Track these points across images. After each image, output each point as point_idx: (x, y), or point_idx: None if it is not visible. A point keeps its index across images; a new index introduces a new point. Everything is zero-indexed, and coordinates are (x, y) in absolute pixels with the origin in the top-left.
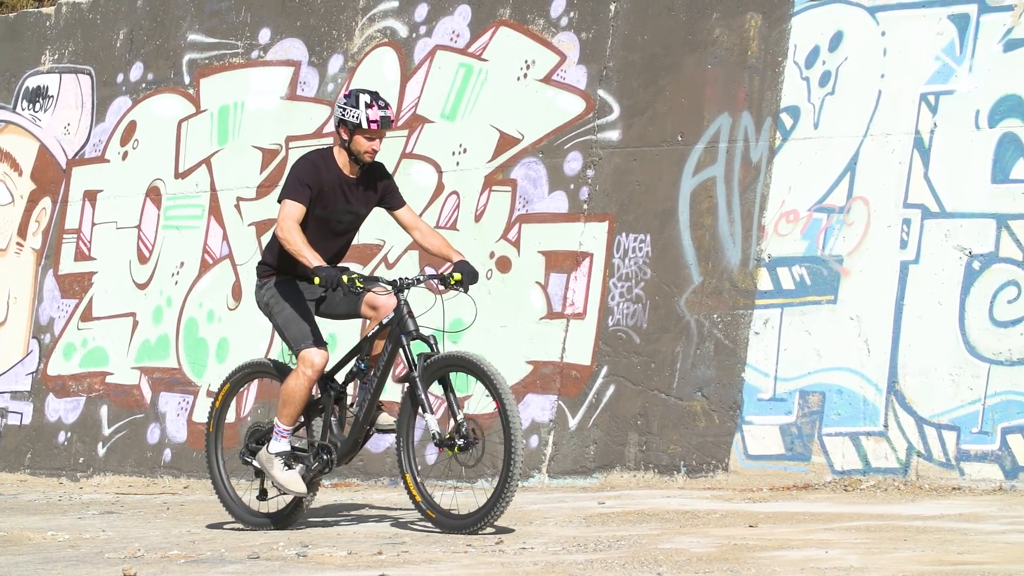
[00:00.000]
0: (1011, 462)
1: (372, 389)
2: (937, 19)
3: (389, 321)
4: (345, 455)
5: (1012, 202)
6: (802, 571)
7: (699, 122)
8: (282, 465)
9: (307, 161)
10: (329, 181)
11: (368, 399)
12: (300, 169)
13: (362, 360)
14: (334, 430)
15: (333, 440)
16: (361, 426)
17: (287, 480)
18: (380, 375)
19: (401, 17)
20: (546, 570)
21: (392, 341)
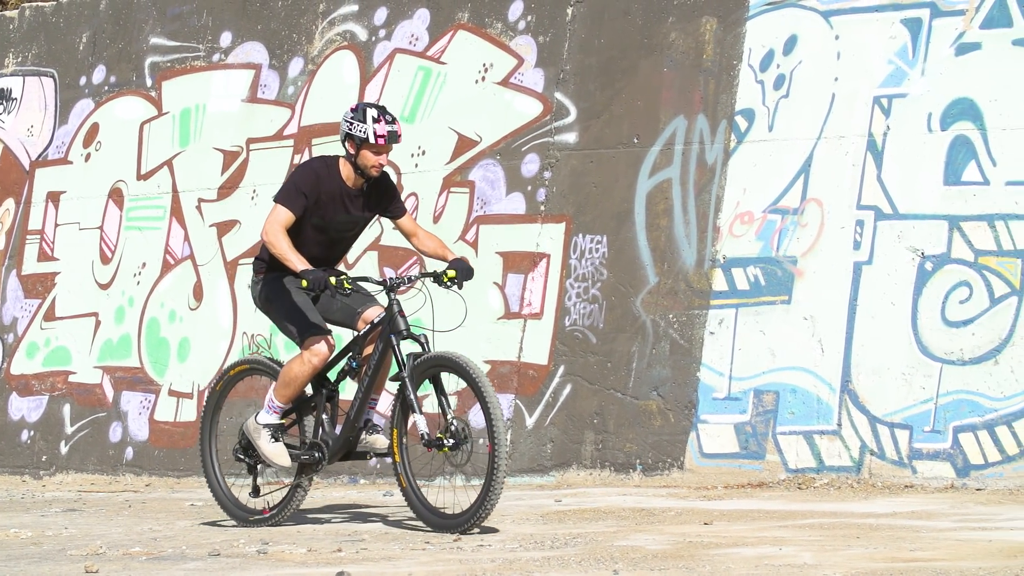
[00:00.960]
0: (963, 460)
1: (364, 388)
2: (890, 23)
3: (380, 320)
4: (336, 453)
5: (964, 204)
6: (756, 568)
7: (655, 125)
8: (269, 436)
9: (309, 169)
10: (329, 191)
11: (360, 398)
12: (300, 176)
13: (354, 359)
14: (326, 428)
15: (325, 438)
16: (352, 425)
17: (273, 452)
18: (371, 375)
19: (361, 21)
20: (503, 567)
21: (383, 341)
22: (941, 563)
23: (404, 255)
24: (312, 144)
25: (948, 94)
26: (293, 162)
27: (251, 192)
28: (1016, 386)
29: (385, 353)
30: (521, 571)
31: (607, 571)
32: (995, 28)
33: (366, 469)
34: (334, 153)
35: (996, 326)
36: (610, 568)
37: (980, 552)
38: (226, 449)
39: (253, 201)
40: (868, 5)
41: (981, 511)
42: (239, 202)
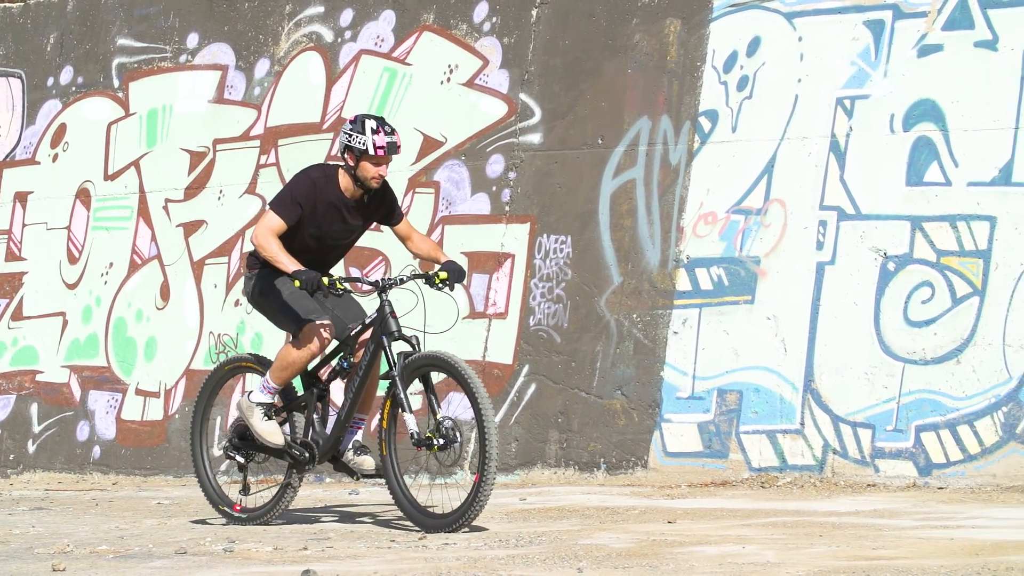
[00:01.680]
0: (925, 459)
1: (355, 389)
2: (853, 25)
3: (372, 321)
4: (326, 453)
5: (926, 204)
6: (720, 566)
7: (619, 125)
8: (262, 415)
9: (307, 178)
10: (326, 202)
11: (351, 398)
12: (297, 185)
13: (345, 359)
14: (316, 428)
15: (315, 438)
16: (343, 424)
17: (265, 429)
18: (363, 375)
19: (327, 22)
20: (468, 565)
21: (374, 341)
22: (903, 561)
23: (369, 255)
24: (279, 145)
25: (910, 95)
26: (259, 162)
27: (218, 192)
28: (978, 385)
29: (376, 354)
30: (486, 569)
31: (571, 569)
32: (957, 30)
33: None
34: (333, 163)
35: (958, 326)
36: (574, 566)
37: (942, 550)
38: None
39: (220, 201)
40: (831, 7)
41: (943, 510)
42: (206, 202)
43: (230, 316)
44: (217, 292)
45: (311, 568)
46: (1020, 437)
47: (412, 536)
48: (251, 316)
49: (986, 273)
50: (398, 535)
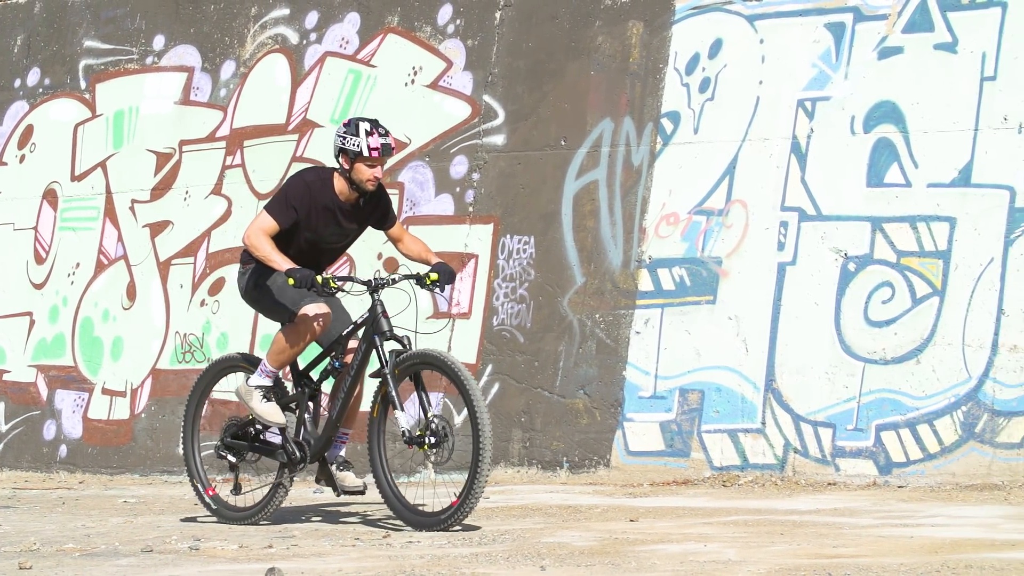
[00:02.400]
0: (885, 458)
1: (346, 389)
2: (814, 27)
3: (364, 320)
4: (317, 452)
5: (886, 205)
6: (681, 564)
7: (582, 127)
8: (261, 397)
9: (302, 182)
10: (321, 205)
11: (342, 399)
12: (292, 189)
13: (336, 358)
14: (308, 427)
15: (307, 437)
16: (334, 424)
17: (265, 411)
18: (354, 375)
19: (292, 24)
20: (432, 563)
21: (366, 341)
22: (863, 559)
23: None
24: (244, 146)
25: (871, 97)
26: (225, 163)
27: (184, 193)
28: (937, 385)
29: (368, 353)
30: (450, 567)
31: (534, 567)
32: (917, 32)
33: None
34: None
35: (918, 326)
36: (537, 564)
37: (902, 548)
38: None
39: (186, 202)
40: (792, 10)
41: (903, 508)
42: (172, 203)
43: (196, 316)
44: (183, 292)
45: (276, 566)
46: (979, 436)
47: (377, 534)
48: (216, 316)
49: (946, 274)
50: (363, 533)
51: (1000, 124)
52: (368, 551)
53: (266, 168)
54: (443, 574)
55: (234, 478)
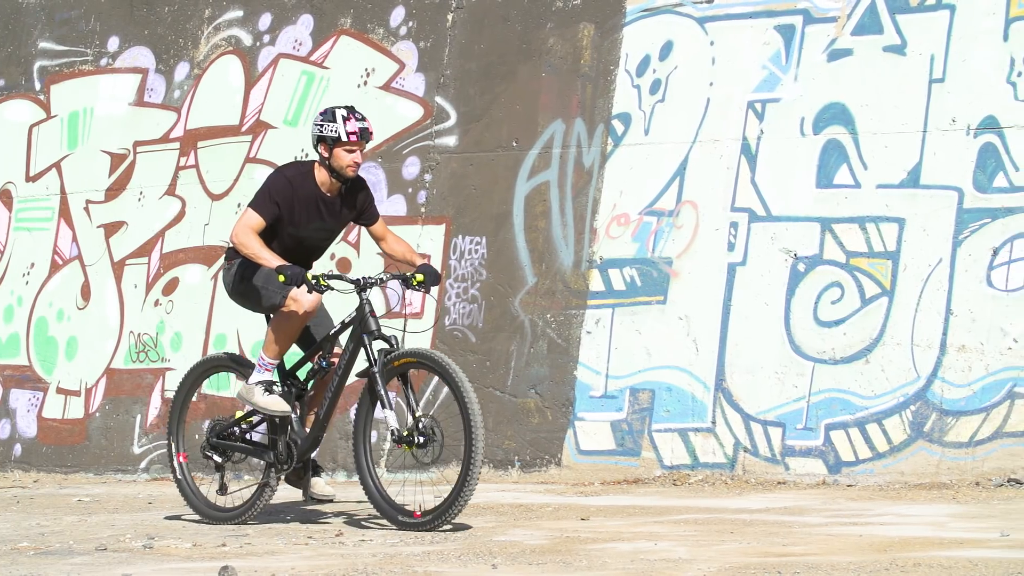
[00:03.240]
0: (834, 457)
1: (334, 388)
2: (764, 29)
3: (351, 320)
4: (304, 452)
5: (836, 206)
6: (632, 563)
7: (533, 128)
8: (263, 391)
9: (283, 177)
10: (303, 199)
11: (330, 398)
12: (273, 184)
13: (324, 358)
14: (295, 427)
15: (293, 437)
16: (322, 424)
17: (270, 403)
18: (342, 375)
19: (245, 26)
20: (385, 562)
21: (354, 340)
22: (813, 558)
23: None
24: (198, 147)
25: (820, 99)
26: (179, 164)
27: (138, 194)
28: (886, 385)
29: (356, 353)
30: (402, 565)
31: (486, 565)
32: (866, 35)
33: (250, 465)
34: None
35: (867, 326)
36: (489, 562)
37: (851, 547)
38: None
39: (140, 203)
40: (742, 12)
41: (852, 507)
42: (126, 203)
43: (150, 316)
44: (137, 292)
45: (229, 564)
46: (928, 436)
47: (329, 533)
48: (170, 316)
49: (895, 274)
50: (316, 532)
51: (949, 126)
52: (321, 549)
53: (220, 169)
54: (395, 572)
55: (220, 478)
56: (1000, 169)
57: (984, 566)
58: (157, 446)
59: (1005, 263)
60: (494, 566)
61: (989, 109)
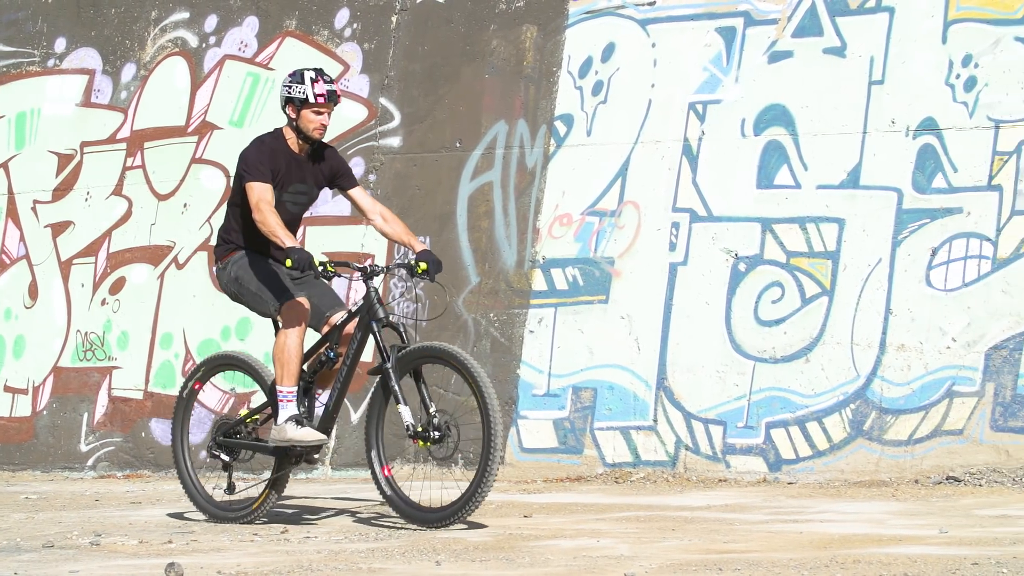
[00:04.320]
0: (774, 455)
1: (342, 379)
2: (705, 31)
3: (358, 309)
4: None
5: (776, 207)
6: (574, 560)
7: (477, 129)
8: (295, 426)
9: (260, 143)
10: (282, 161)
11: (338, 389)
12: (255, 152)
13: (331, 349)
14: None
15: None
16: (331, 416)
17: (304, 436)
18: (350, 364)
19: (192, 28)
20: (329, 559)
21: (362, 328)
22: (754, 555)
23: None
24: (144, 147)
25: (761, 100)
26: (126, 165)
27: (85, 194)
28: (826, 383)
29: (364, 340)
30: (346, 563)
31: (430, 562)
32: (806, 37)
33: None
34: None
35: (807, 325)
36: (433, 559)
37: (791, 544)
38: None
39: (87, 203)
40: (684, 14)
41: (792, 504)
42: (73, 203)
43: (97, 315)
44: (84, 291)
45: (175, 561)
46: (867, 433)
47: (275, 530)
48: (117, 315)
49: (835, 274)
50: (260, 529)
51: (888, 127)
52: (266, 546)
53: (166, 169)
54: (340, 569)
55: (228, 476)
56: (939, 170)
57: (923, 563)
58: (104, 444)
59: (944, 263)
60: (438, 563)
61: (928, 111)
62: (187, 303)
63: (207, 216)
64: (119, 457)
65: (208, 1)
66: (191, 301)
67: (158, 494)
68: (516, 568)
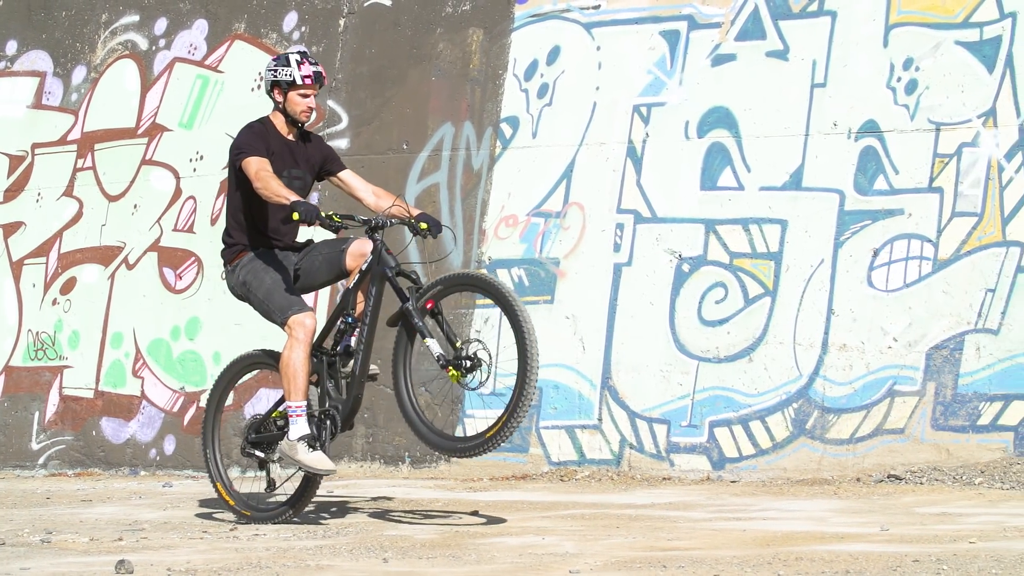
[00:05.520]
0: (718, 454)
1: (364, 339)
2: (649, 35)
3: (368, 266)
4: (348, 417)
5: (719, 208)
6: (520, 557)
7: (423, 131)
8: (307, 448)
9: (249, 128)
10: (274, 144)
11: (363, 351)
12: (246, 135)
13: (348, 315)
14: (332, 395)
15: (334, 404)
16: (359, 381)
17: (315, 461)
18: (370, 322)
19: (142, 31)
20: (278, 555)
21: (376, 281)
22: (698, 552)
23: (182, 256)
24: (95, 149)
25: (705, 103)
26: (76, 166)
27: (36, 195)
28: (769, 383)
29: (380, 293)
30: (295, 559)
31: (377, 559)
32: (750, 40)
33: (146, 461)
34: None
35: (750, 325)
36: (380, 556)
37: (734, 541)
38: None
39: (38, 204)
40: (628, 18)
41: (736, 502)
42: (24, 204)
43: (48, 314)
44: (35, 291)
45: (126, 558)
46: (810, 433)
47: (224, 527)
48: (68, 314)
49: (777, 274)
50: (211, 526)
51: (830, 129)
52: (216, 543)
53: (116, 171)
54: (288, 566)
55: (266, 474)
56: (880, 172)
57: (865, 560)
58: (55, 442)
59: (885, 264)
60: (385, 560)
61: (869, 113)
62: (137, 303)
63: (157, 217)
64: (70, 455)
65: (158, 4)
66: (141, 301)
67: (109, 492)
68: (463, 565)
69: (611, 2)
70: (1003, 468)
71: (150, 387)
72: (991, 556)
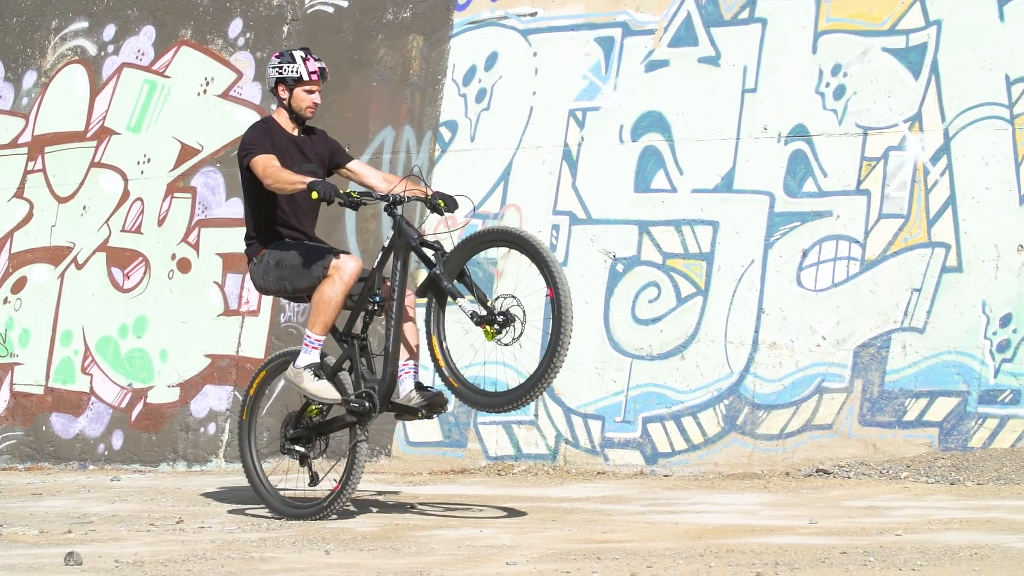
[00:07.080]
0: (651, 449)
1: (395, 316)
2: (585, 41)
3: (390, 243)
4: (386, 396)
5: (653, 210)
6: (459, 549)
7: (364, 135)
8: (312, 376)
9: (255, 129)
10: (280, 143)
11: (394, 327)
12: (252, 134)
13: (375, 295)
14: (366, 377)
15: (369, 385)
16: (393, 359)
17: (318, 389)
18: (399, 297)
19: (91, 36)
20: (223, 548)
21: (401, 252)
22: (631, 544)
23: (130, 256)
24: (45, 152)
25: (638, 108)
26: (27, 169)
27: None
28: (700, 380)
29: (406, 267)
30: (239, 552)
31: (319, 551)
32: (682, 47)
33: (95, 456)
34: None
35: (683, 324)
36: (322, 548)
37: (667, 534)
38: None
39: None
40: (564, 25)
41: (668, 496)
42: None
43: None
44: None
45: (75, 550)
46: (741, 428)
47: (170, 520)
48: (19, 313)
49: (709, 274)
50: (157, 519)
51: (760, 133)
52: (162, 536)
53: (66, 173)
54: (233, 558)
55: (308, 469)
56: (809, 175)
57: (794, 552)
58: (5, 437)
59: (814, 264)
60: (327, 552)
61: (799, 118)
62: (86, 302)
63: (105, 218)
64: (20, 450)
65: (107, 11)
66: (90, 300)
67: (58, 486)
68: (402, 557)
69: (548, 9)
70: (928, 462)
71: (99, 384)
72: (916, 548)
